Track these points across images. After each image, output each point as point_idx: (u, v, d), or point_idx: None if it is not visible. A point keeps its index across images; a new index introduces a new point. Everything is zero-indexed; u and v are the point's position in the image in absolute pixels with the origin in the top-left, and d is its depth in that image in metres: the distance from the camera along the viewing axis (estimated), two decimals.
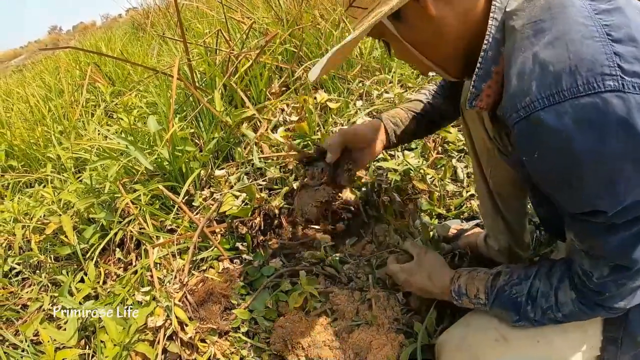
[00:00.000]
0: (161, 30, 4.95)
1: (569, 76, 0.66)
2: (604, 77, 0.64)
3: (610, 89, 0.64)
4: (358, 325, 1.28)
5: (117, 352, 1.18)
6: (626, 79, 0.64)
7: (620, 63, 0.65)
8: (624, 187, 0.69)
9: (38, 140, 2.61)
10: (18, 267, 1.79)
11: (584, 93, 0.65)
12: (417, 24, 0.83)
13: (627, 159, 0.66)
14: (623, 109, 0.64)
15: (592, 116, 0.65)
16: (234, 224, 1.58)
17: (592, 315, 0.90)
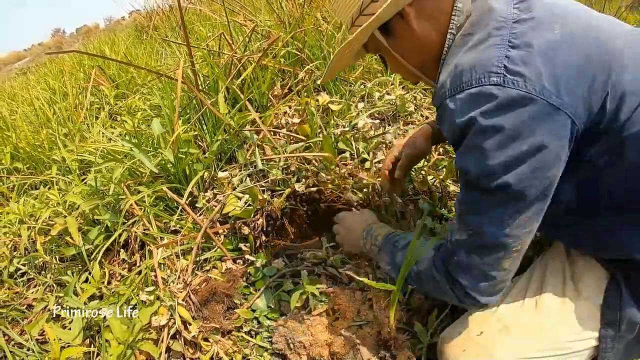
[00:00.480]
0: (164, 33, 4.97)
1: (468, 73, 0.85)
2: (490, 74, 0.82)
3: (493, 83, 0.81)
4: (360, 325, 1.30)
5: (121, 351, 1.20)
6: (508, 76, 0.80)
7: (507, 64, 0.81)
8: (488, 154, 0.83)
9: (43, 143, 2.63)
10: (24, 268, 1.81)
11: (475, 85, 0.83)
12: (404, 35, 1.01)
13: (493, 133, 0.82)
14: (499, 96, 0.80)
15: (474, 99, 0.83)
16: (236, 225, 1.60)
17: (438, 281, 1.04)
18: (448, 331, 1.13)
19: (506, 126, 0.80)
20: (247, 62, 2.14)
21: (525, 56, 0.81)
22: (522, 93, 0.79)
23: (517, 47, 0.83)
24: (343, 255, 1.57)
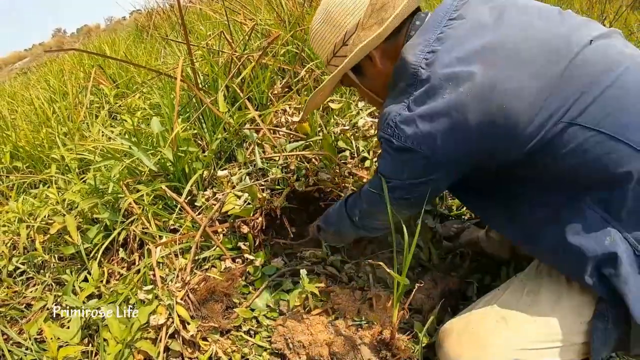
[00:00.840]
0: (164, 32, 4.97)
1: (382, 119, 1.04)
2: (388, 125, 1.02)
3: (388, 134, 1.02)
4: (359, 325, 1.29)
5: (119, 350, 1.20)
6: (395, 130, 1.00)
7: (398, 121, 1.00)
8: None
9: (42, 142, 2.63)
10: (22, 267, 1.80)
11: (381, 130, 1.04)
12: (372, 74, 1.16)
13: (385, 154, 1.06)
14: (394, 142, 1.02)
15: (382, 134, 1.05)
16: (236, 223, 1.59)
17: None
18: (447, 324, 1.15)
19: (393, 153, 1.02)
20: (246, 60, 2.14)
21: (410, 118, 0.97)
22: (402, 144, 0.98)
23: (411, 109, 0.98)
24: (342, 255, 1.57)
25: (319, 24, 1.16)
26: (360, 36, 1.08)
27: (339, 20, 1.11)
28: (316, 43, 1.19)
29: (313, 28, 1.19)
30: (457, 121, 0.91)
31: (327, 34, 1.14)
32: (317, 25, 1.17)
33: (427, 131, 0.94)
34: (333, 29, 1.13)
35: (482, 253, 1.54)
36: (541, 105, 0.88)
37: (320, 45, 1.18)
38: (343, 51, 1.13)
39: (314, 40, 1.20)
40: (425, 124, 0.94)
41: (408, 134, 0.97)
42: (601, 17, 3.21)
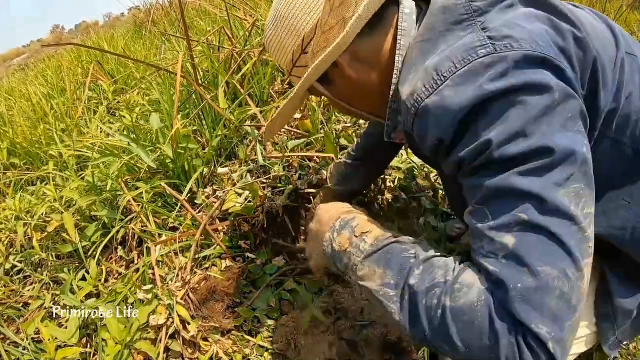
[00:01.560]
0: (164, 28, 4.94)
1: (446, 62, 0.73)
2: (477, 49, 0.71)
3: (484, 55, 0.70)
4: (363, 326, 1.27)
5: (118, 351, 1.18)
6: (497, 43, 0.70)
7: (490, 34, 0.72)
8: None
9: (40, 138, 2.60)
10: (20, 265, 1.78)
11: (461, 67, 0.71)
12: (343, 84, 0.94)
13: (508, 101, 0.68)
14: (498, 62, 0.69)
15: (468, 77, 0.70)
16: (237, 222, 1.57)
17: (485, 325, 0.63)
18: None
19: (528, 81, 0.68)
20: (247, 56, 2.11)
21: (506, 23, 0.74)
22: (525, 52, 0.69)
23: (491, 22, 0.75)
24: None
25: (271, 29, 0.96)
26: (321, 42, 0.89)
27: (293, 23, 0.92)
28: (273, 51, 0.99)
29: (266, 34, 0.99)
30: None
31: (283, 40, 0.95)
32: (270, 31, 0.97)
33: (535, 32, 0.73)
34: (288, 34, 0.93)
35: None
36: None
37: (277, 54, 0.98)
38: (303, 60, 0.94)
39: (269, 48, 1.00)
40: (527, 23, 0.75)
41: (519, 37, 0.71)
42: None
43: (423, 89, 0.74)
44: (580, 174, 0.67)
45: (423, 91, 0.74)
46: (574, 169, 0.66)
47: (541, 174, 0.65)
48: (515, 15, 0.77)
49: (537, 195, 0.64)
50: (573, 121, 0.69)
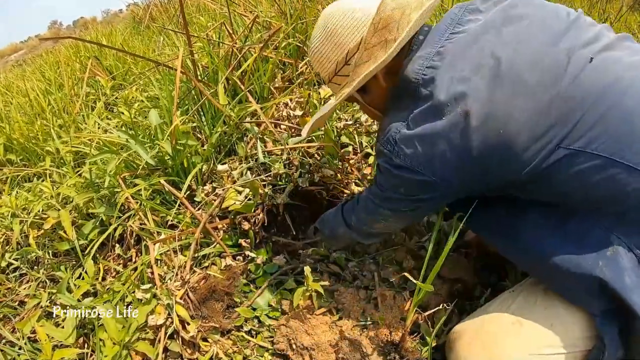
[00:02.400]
0: (162, 24, 4.90)
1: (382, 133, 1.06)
2: (388, 142, 1.02)
3: (388, 150, 1.03)
4: (365, 325, 1.25)
5: (116, 352, 1.15)
6: (395, 148, 1.00)
7: (397, 139, 1.00)
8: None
9: (37, 134, 2.57)
10: (16, 263, 1.76)
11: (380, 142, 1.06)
12: (376, 92, 1.14)
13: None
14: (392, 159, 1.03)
15: (380, 151, 1.07)
16: (236, 219, 1.54)
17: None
18: (460, 326, 1.11)
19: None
20: (247, 53, 2.09)
21: (409, 137, 0.97)
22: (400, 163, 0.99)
23: (410, 127, 0.97)
24: (347, 253, 1.53)
25: (319, 42, 1.12)
26: (363, 56, 1.04)
27: (341, 40, 1.08)
28: (317, 61, 1.16)
29: (313, 46, 1.15)
30: (456, 144, 0.92)
31: (329, 53, 1.11)
32: (317, 44, 1.13)
33: (425, 153, 0.95)
34: (334, 47, 1.09)
35: (487, 252, 1.50)
36: (539, 129, 0.86)
37: (321, 63, 1.14)
38: (345, 70, 1.10)
39: (314, 59, 1.16)
40: (425, 145, 0.95)
41: (407, 153, 0.97)
42: (602, 17, 3.18)
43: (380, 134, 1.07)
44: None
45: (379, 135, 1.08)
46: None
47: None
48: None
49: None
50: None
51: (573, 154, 0.85)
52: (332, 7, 1.12)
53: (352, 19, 1.07)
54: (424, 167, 0.96)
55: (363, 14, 1.06)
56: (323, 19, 1.12)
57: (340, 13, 1.09)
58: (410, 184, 1.01)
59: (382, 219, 1.16)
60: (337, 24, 1.08)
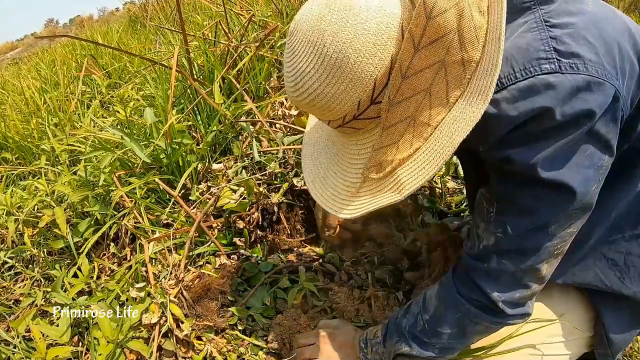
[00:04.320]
0: (159, 22, 4.90)
1: (505, 66, 0.70)
2: (540, 62, 0.69)
3: (547, 72, 0.68)
4: (358, 326, 1.26)
5: (110, 350, 1.15)
6: (563, 60, 0.68)
7: (557, 46, 0.69)
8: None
9: (32, 133, 2.57)
10: (10, 262, 1.75)
11: (521, 78, 0.69)
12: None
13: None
14: (558, 86, 0.68)
15: (527, 93, 0.69)
16: (231, 218, 1.55)
17: (458, 307, 0.89)
18: None
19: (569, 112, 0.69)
20: (243, 52, 2.09)
21: (573, 32, 0.70)
22: (587, 77, 0.68)
23: (558, 25, 0.71)
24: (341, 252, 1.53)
25: (321, 83, 0.71)
26: (406, 90, 0.70)
27: (358, 72, 0.69)
28: (322, 107, 0.75)
29: (310, 89, 0.73)
30: (613, 31, 0.76)
31: (342, 94, 0.71)
32: (317, 85, 0.72)
33: (603, 50, 0.72)
34: (350, 84, 0.70)
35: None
36: None
37: (330, 109, 0.74)
38: (372, 111, 0.74)
39: (316, 104, 0.74)
40: (595, 36, 0.72)
41: (587, 57, 0.69)
42: None
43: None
44: (580, 211, 0.78)
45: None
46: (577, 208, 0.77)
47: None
48: (583, 16, 0.74)
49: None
50: (593, 157, 0.74)
51: None
52: (317, 19, 0.70)
53: (365, 33, 0.67)
54: (611, 68, 0.71)
55: (376, 18, 0.68)
56: (311, 42, 0.70)
57: (339, 28, 0.68)
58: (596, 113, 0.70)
59: (550, 243, 0.80)
60: (343, 48, 0.68)
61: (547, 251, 0.80)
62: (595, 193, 0.77)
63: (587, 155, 0.73)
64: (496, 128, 0.72)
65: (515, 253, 0.81)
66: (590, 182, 0.75)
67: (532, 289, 0.85)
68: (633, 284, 0.91)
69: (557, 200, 0.75)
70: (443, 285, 0.93)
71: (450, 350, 0.94)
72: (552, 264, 0.84)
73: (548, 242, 0.79)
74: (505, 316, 0.86)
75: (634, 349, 1.34)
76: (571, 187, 0.73)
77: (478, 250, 0.86)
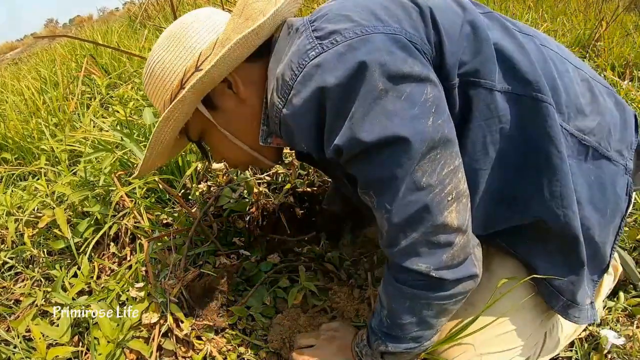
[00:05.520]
0: (158, 23, 4.89)
1: (288, 70, 0.79)
2: (308, 53, 0.77)
3: (314, 57, 0.76)
4: (358, 327, 1.26)
5: (110, 350, 1.15)
6: (324, 42, 0.76)
7: (317, 34, 0.77)
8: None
9: (32, 133, 2.56)
10: (11, 262, 1.75)
11: (299, 73, 0.77)
12: (232, 109, 0.95)
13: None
14: (327, 59, 0.75)
15: (306, 80, 0.76)
16: (231, 218, 1.55)
17: (404, 293, 0.86)
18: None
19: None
20: None
21: (329, 17, 0.80)
22: (347, 42, 0.75)
23: (317, 19, 0.81)
24: (340, 252, 1.53)
25: (161, 50, 0.94)
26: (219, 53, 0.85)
27: (191, 42, 0.91)
28: (155, 79, 0.95)
29: (151, 59, 0.95)
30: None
31: (174, 62, 0.92)
32: (157, 53, 0.94)
33: (359, 14, 0.80)
34: (183, 52, 0.91)
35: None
36: None
37: (162, 80, 0.94)
38: (194, 79, 0.87)
39: (152, 75, 0.95)
40: (346, 10, 0.82)
41: (342, 27, 0.77)
42: (598, 17, 3.19)
43: (278, 99, 0.82)
44: (436, 149, 0.77)
45: (279, 102, 0.82)
46: (427, 149, 0.76)
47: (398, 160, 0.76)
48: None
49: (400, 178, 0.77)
50: (412, 96, 0.75)
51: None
52: (181, 17, 0.96)
53: (208, 20, 0.93)
54: (372, 21, 0.78)
55: (222, 17, 0.94)
56: (167, 30, 0.95)
57: (191, 17, 0.94)
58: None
59: (430, 196, 0.77)
60: (188, 27, 0.92)
61: (437, 201, 0.78)
62: (441, 126, 0.76)
63: (404, 98, 0.74)
64: (298, 124, 0.81)
65: (410, 222, 0.79)
66: (420, 120, 0.74)
67: (456, 244, 0.81)
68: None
69: (397, 155, 0.75)
70: (385, 280, 0.93)
71: (423, 339, 0.93)
72: (458, 209, 0.80)
73: (429, 194, 0.77)
74: (448, 283, 0.83)
75: (635, 347, 1.33)
76: (400, 135, 0.73)
77: (385, 239, 0.85)
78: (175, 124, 0.92)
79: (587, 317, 0.99)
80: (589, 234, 0.93)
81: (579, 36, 2.91)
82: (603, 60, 2.69)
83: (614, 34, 3.05)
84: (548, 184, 0.87)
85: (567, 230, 0.89)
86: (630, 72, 2.64)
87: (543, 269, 0.95)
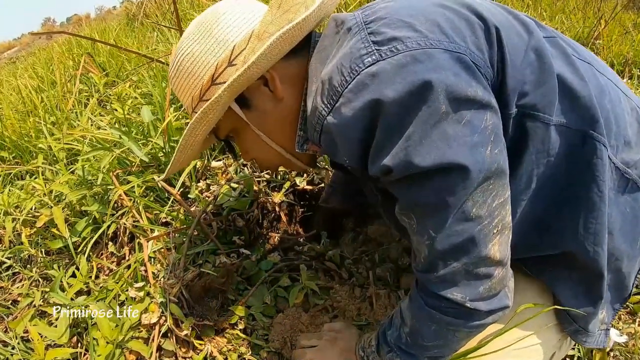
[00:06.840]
0: (156, 20, 4.88)
1: (337, 75, 0.73)
2: (362, 58, 0.71)
3: (369, 64, 0.70)
4: (360, 327, 1.25)
5: (110, 351, 1.14)
6: (382, 49, 0.70)
7: (375, 39, 0.72)
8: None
9: (29, 131, 2.55)
10: (8, 262, 1.74)
11: (350, 80, 0.71)
12: (267, 108, 0.89)
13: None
14: (384, 69, 0.69)
15: (359, 89, 0.70)
16: (231, 216, 1.53)
17: (433, 320, 0.84)
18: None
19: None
20: None
21: (387, 21, 0.74)
22: (409, 52, 0.69)
23: (374, 21, 0.75)
24: (341, 250, 1.52)
25: (191, 42, 0.88)
26: (256, 48, 0.82)
27: (223, 34, 0.86)
28: (184, 72, 0.89)
29: (180, 51, 0.89)
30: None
31: (204, 55, 0.86)
32: (187, 44, 0.89)
33: (423, 23, 0.74)
34: (214, 45, 0.86)
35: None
36: None
37: (191, 73, 0.88)
38: (226, 76, 0.84)
39: (181, 67, 0.90)
40: (412, 16, 0.76)
41: (404, 35, 0.71)
42: (597, 15, 3.19)
43: (322, 105, 0.76)
44: (490, 180, 0.73)
45: (323, 108, 0.76)
46: (483, 179, 0.72)
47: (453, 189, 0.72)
48: (396, 1, 0.79)
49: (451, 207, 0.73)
50: (472, 122, 0.71)
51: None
52: (213, 6, 0.90)
53: (242, 10, 0.87)
54: (437, 34, 0.73)
55: (257, 7, 0.88)
56: (197, 19, 0.90)
57: (224, 6, 0.88)
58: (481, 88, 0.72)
59: (478, 227, 0.75)
60: (220, 16, 0.86)
61: (484, 233, 0.75)
62: (497, 155, 0.73)
63: (465, 124, 0.70)
64: (343, 135, 0.76)
65: (453, 251, 0.76)
66: (478, 148, 0.70)
67: (495, 276, 0.79)
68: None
69: (454, 183, 0.71)
70: (412, 299, 0.90)
71: (440, 358, 0.92)
72: (501, 242, 0.78)
73: (477, 225, 0.74)
74: (482, 314, 0.81)
75: (637, 346, 1.33)
76: (458, 163, 0.69)
77: (422, 264, 0.82)
78: (207, 126, 0.88)
79: (596, 342, 0.98)
80: (617, 264, 0.92)
81: (578, 34, 2.90)
82: (602, 58, 2.69)
83: (612, 32, 3.05)
84: (584, 220, 0.84)
85: (594, 266, 0.88)
86: (629, 70, 2.64)
87: (564, 298, 0.94)
